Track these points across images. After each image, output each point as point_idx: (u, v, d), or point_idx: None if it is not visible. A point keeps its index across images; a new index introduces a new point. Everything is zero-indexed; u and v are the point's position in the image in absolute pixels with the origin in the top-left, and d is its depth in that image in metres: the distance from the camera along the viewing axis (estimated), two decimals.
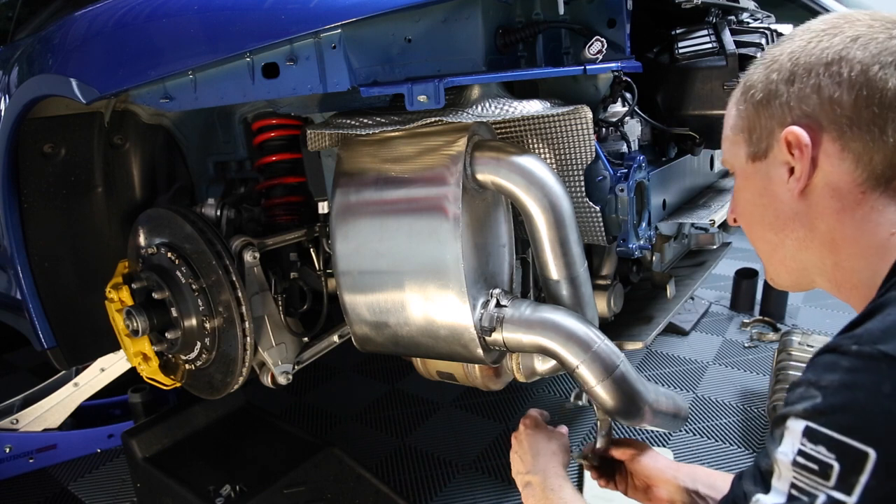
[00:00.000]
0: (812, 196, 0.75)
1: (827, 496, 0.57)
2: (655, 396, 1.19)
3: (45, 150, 1.59)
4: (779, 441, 0.62)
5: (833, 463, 0.57)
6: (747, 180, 0.83)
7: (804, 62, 0.73)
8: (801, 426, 0.59)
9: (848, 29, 0.72)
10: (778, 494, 0.61)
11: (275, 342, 1.51)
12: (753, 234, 0.86)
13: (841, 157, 0.71)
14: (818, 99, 0.72)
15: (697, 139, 1.51)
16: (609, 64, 1.20)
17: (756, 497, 0.62)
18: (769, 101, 0.76)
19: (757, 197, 0.81)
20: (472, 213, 1.18)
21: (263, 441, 2.04)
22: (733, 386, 2.65)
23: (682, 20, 1.50)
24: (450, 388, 2.68)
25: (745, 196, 0.84)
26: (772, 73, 0.76)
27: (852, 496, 0.55)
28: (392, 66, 1.12)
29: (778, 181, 0.77)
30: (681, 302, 1.67)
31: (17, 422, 2.30)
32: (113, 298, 1.53)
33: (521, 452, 1.17)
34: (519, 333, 1.16)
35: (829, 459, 0.57)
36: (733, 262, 3.74)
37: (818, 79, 0.72)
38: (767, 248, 0.84)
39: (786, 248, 0.81)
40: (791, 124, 0.73)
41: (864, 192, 0.71)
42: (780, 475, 0.61)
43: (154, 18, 1.26)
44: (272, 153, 1.61)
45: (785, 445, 0.61)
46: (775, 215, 0.80)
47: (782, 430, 0.62)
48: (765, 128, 0.77)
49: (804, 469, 0.59)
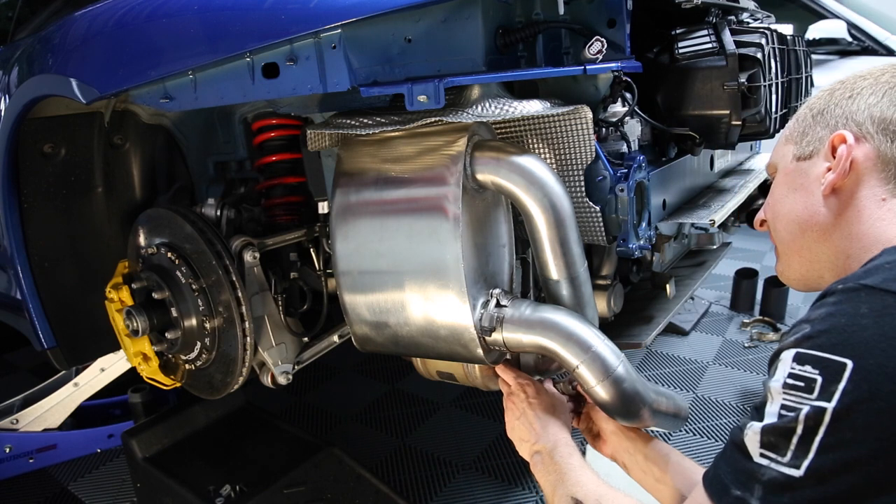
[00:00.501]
0: (841, 194, 0.86)
1: (810, 406, 0.64)
2: (655, 396, 1.19)
3: (45, 150, 1.59)
4: (773, 373, 0.70)
5: (816, 377, 0.64)
6: (788, 176, 0.94)
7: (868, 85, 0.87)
8: (791, 354, 0.68)
9: None
10: (769, 416, 0.68)
11: (275, 342, 1.51)
12: (779, 224, 0.95)
13: (876, 163, 0.84)
14: (870, 113, 0.85)
15: (697, 139, 1.51)
16: (609, 64, 1.20)
17: (749, 424, 0.69)
18: (827, 112, 0.90)
19: (792, 191, 0.92)
20: (472, 213, 1.18)
21: (263, 441, 2.04)
22: (733, 386, 2.65)
23: (682, 20, 1.50)
24: (450, 388, 2.68)
25: (782, 190, 0.95)
26: (836, 90, 0.91)
27: (832, 402, 0.62)
28: (392, 66, 1.12)
29: (815, 178, 0.89)
30: (681, 302, 1.67)
31: (17, 422, 2.30)
32: (113, 298, 1.53)
33: (528, 420, 1.16)
34: (519, 333, 1.16)
35: (814, 374, 0.65)
36: (733, 262, 3.74)
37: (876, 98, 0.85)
38: (788, 238, 0.94)
39: (805, 239, 0.91)
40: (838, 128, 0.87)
41: (885, 199, 0.83)
42: (773, 400, 0.68)
43: (154, 18, 1.26)
44: (272, 153, 1.61)
45: (778, 374, 0.68)
46: (805, 207, 0.90)
47: (776, 363, 0.70)
48: (817, 134, 0.90)
49: (792, 388, 0.66)
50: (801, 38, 1.89)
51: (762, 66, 1.45)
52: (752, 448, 0.68)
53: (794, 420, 0.64)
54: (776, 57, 1.54)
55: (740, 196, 1.74)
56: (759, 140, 2.38)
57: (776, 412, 0.67)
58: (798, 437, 0.64)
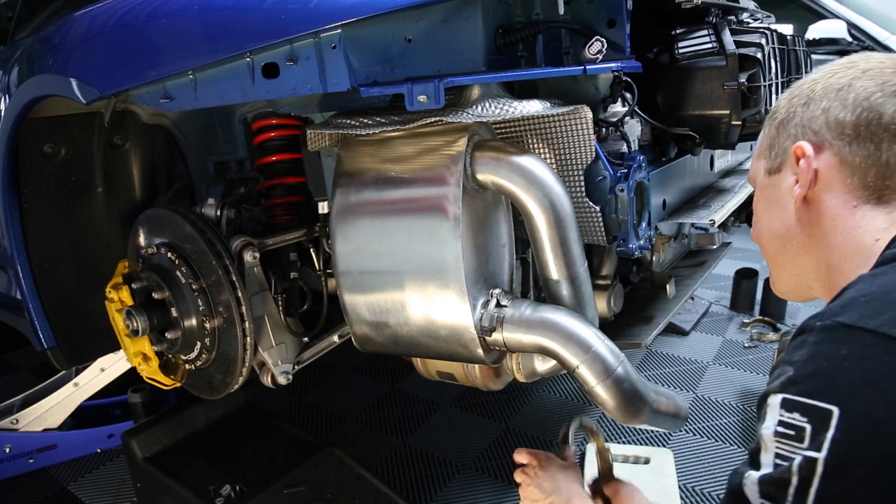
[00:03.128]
0: (813, 204, 0.85)
1: (802, 457, 0.63)
2: (655, 396, 1.19)
3: (45, 150, 1.59)
4: (763, 419, 0.68)
5: (805, 425, 0.63)
6: (763, 192, 0.94)
7: (820, 88, 0.85)
8: (778, 399, 0.67)
9: (862, 64, 0.84)
10: (765, 466, 0.66)
11: (275, 342, 1.51)
12: (763, 240, 0.96)
13: (839, 169, 0.82)
14: (825, 119, 0.83)
15: (697, 139, 1.51)
16: (609, 64, 1.20)
17: (747, 474, 0.68)
18: (788, 122, 0.88)
19: (768, 206, 0.92)
20: (472, 213, 1.18)
21: (263, 441, 2.04)
22: (733, 386, 2.65)
23: (682, 20, 1.50)
24: (450, 388, 2.68)
25: (760, 207, 0.95)
26: (794, 98, 0.89)
27: (822, 451, 0.61)
28: (392, 66, 1.12)
29: (786, 191, 0.88)
30: (681, 302, 1.67)
31: (17, 422, 2.30)
32: (113, 298, 1.53)
33: (538, 480, 1.24)
34: (519, 333, 1.16)
35: (803, 423, 0.63)
36: (733, 262, 3.74)
37: (828, 102, 0.83)
38: (772, 253, 0.94)
39: (787, 252, 0.91)
40: (801, 140, 0.85)
41: (857, 205, 0.81)
42: (766, 449, 0.67)
43: (154, 18, 1.26)
44: (272, 153, 1.61)
45: (768, 421, 0.67)
46: (781, 222, 0.90)
47: (765, 408, 0.69)
48: (781, 145, 0.89)
49: (784, 437, 0.65)
50: (801, 38, 1.89)
51: (762, 66, 1.45)
52: (752, 498, 0.67)
53: (788, 471, 0.64)
54: (776, 57, 1.54)
55: (740, 196, 1.74)
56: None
57: (771, 462, 0.66)
58: (794, 489, 0.63)
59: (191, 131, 1.74)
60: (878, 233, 0.80)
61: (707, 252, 2.11)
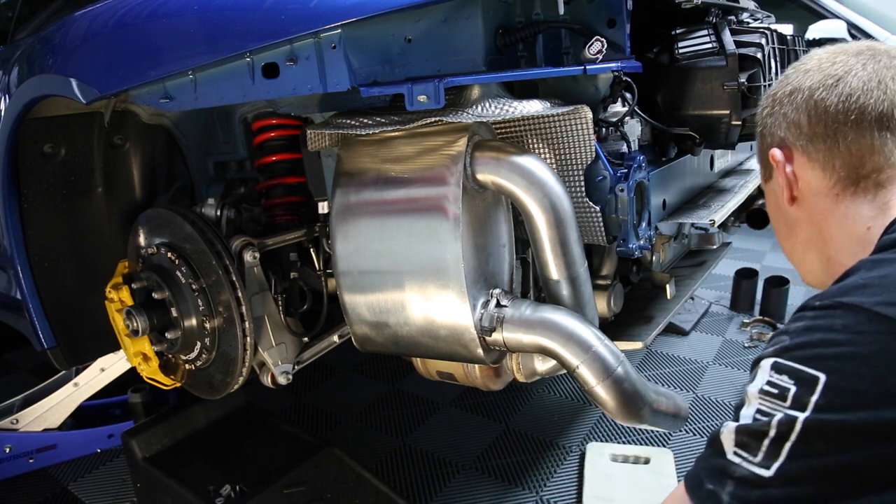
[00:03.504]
0: (803, 203, 0.91)
1: (784, 414, 0.67)
2: (655, 396, 1.19)
3: (45, 150, 1.59)
4: (752, 379, 0.73)
5: (791, 387, 0.67)
6: (767, 199, 1.01)
7: (777, 96, 0.91)
8: (770, 362, 0.71)
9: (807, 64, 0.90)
10: (745, 418, 0.71)
11: (275, 342, 1.51)
12: (780, 242, 1.02)
13: (811, 167, 0.88)
14: (785, 124, 0.89)
15: (697, 139, 1.51)
16: (609, 64, 1.20)
17: (726, 424, 0.73)
18: (763, 132, 0.95)
19: (773, 211, 0.99)
20: (472, 213, 1.18)
21: (263, 441, 2.04)
22: (733, 386, 2.65)
23: (682, 20, 1.50)
24: (450, 388, 2.68)
25: (770, 212, 1.01)
26: (763, 108, 0.95)
27: (804, 412, 0.65)
28: (392, 66, 1.12)
29: (780, 195, 0.93)
30: (681, 302, 1.67)
31: (17, 422, 2.30)
32: (113, 298, 1.53)
33: None
34: (519, 333, 1.16)
35: (789, 384, 0.68)
36: (733, 262, 3.74)
37: (783, 107, 0.90)
38: (788, 252, 1.00)
39: (796, 251, 0.97)
40: (773, 148, 0.91)
41: (838, 194, 0.86)
42: (749, 403, 0.71)
43: (154, 18, 1.25)
44: (272, 153, 1.61)
45: (756, 380, 0.72)
46: (785, 223, 0.96)
47: (756, 370, 0.73)
48: (764, 153, 0.95)
49: (767, 395, 0.69)
50: (801, 38, 1.89)
51: (762, 66, 1.45)
52: (726, 446, 0.70)
53: (767, 424, 0.67)
54: (776, 57, 1.54)
55: (740, 196, 1.74)
56: None
57: (751, 415, 0.70)
58: (770, 441, 0.67)
59: (191, 131, 1.74)
60: (868, 221, 0.84)
61: (707, 252, 2.11)
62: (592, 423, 2.37)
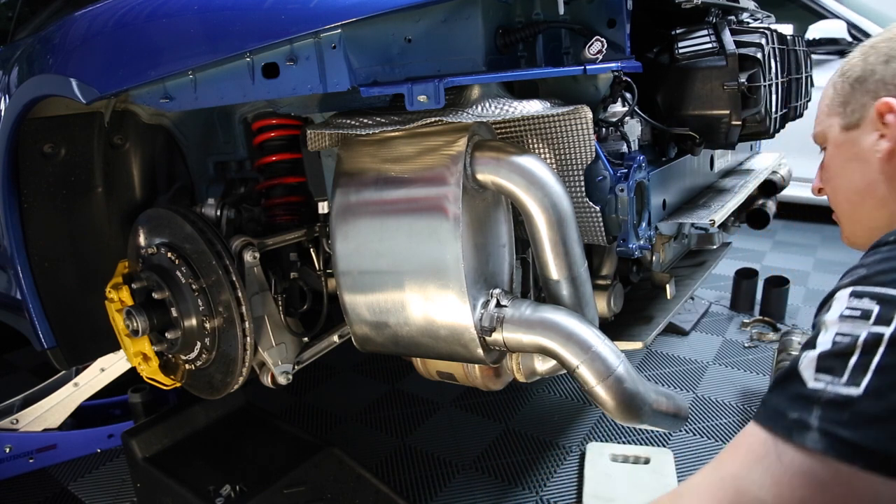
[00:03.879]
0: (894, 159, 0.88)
1: (868, 332, 0.66)
2: (655, 396, 1.19)
3: (45, 150, 1.59)
4: (827, 310, 0.72)
5: (874, 307, 0.67)
6: (839, 148, 0.96)
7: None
8: (847, 292, 0.71)
9: None
10: (823, 345, 0.69)
11: (275, 342, 1.51)
12: (838, 196, 0.99)
13: None
14: None
15: (697, 139, 1.51)
16: (609, 64, 1.20)
17: (804, 353, 0.71)
18: (865, 79, 0.91)
19: (847, 161, 0.95)
20: (472, 213, 1.18)
21: (263, 441, 2.04)
22: (733, 386, 2.65)
23: (682, 20, 1.50)
24: (450, 388, 2.68)
25: (837, 162, 0.97)
26: (869, 56, 0.91)
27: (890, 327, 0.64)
28: (392, 66, 1.12)
29: (867, 147, 0.90)
30: (681, 302, 1.67)
31: (17, 422, 2.30)
32: (113, 298, 1.53)
33: None
34: (519, 333, 1.16)
35: (871, 306, 0.67)
36: (733, 262, 3.74)
37: None
38: (849, 208, 0.97)
39: (865, 206, 0.94)
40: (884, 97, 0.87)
41: None
42: (827, 330, 0.70)
43: (154, 18, 1.26)
44: (272, 153, 1.61)
45: (833, 309, 0.71)
46: (861, 176, 0.92)
47: (830, 301, 0.72)
48: (859, 101, 0.91)
49: (848, 318, 0.68)
50: (801, 38, 1.89)
51: (762, 66, 1.45)
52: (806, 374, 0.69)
53: (853, 345, 0.66)
54: (776, 57, 1.54)
55: (740, 196, 1.74)
56: (759, 140, 2.38)
57: (830, 340, 0.69)
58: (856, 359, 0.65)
59: (191, 131, 1.74)
60: None
61: (707, 252, 2.11)
62: (592, 423, 2.37)
